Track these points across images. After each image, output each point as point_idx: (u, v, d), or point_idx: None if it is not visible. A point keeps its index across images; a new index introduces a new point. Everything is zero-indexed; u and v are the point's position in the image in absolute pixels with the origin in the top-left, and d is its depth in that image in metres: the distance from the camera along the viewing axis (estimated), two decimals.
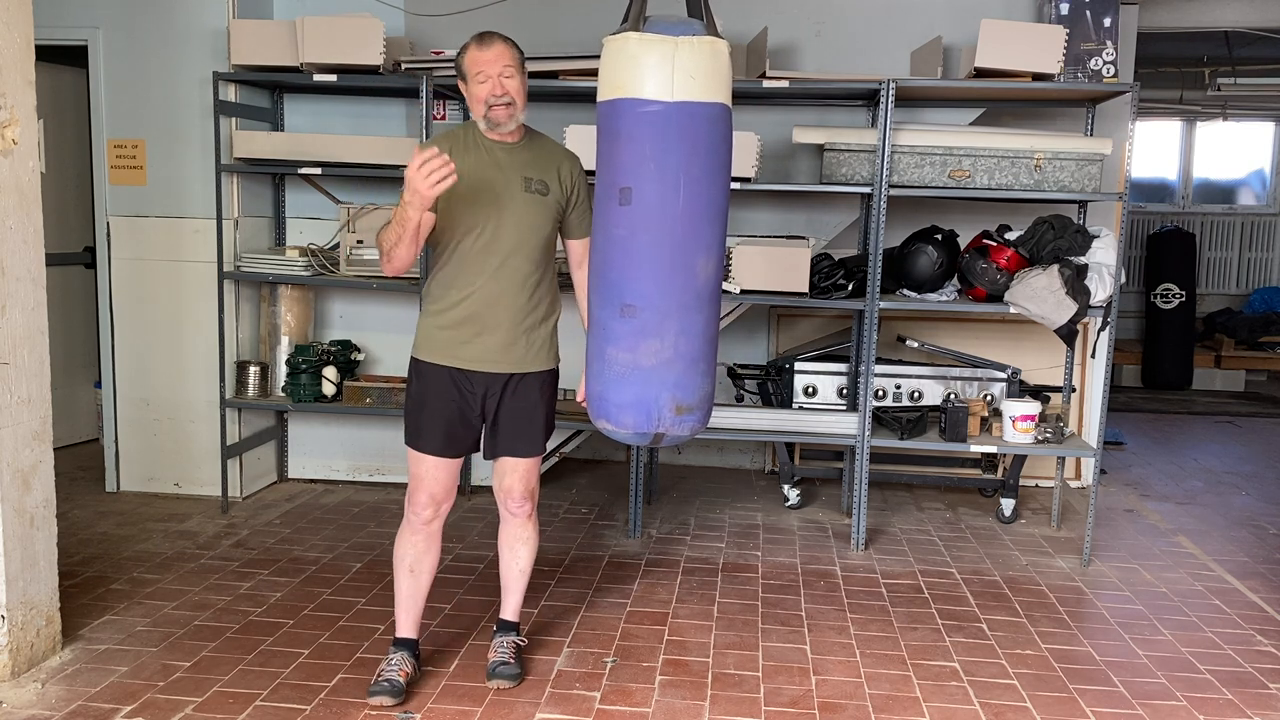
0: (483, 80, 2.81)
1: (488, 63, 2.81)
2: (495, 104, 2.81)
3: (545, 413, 3.02)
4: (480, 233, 2.85)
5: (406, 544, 3.01)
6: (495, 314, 2.89)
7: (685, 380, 2.81)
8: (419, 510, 2.97)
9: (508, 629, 3.16)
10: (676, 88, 2.66)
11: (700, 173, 2.73)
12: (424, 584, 3.03)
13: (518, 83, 2.83)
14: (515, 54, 2.86)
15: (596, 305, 2.84)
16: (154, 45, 4.63)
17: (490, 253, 2.86)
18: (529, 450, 3.01)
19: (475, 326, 2.89)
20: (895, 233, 4.59)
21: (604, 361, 2.83)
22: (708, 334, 2.86)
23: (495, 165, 2.87)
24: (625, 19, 2.72)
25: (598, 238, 2.82)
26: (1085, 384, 5.29)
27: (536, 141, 2.98)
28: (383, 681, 2.92)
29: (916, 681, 3.16)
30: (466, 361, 2.91)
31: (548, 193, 2.91)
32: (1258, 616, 3.76)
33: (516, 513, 3.06)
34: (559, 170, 2.95)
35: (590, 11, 4.86)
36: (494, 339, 2.90)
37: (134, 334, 4.79)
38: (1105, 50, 4.29)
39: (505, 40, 2.86)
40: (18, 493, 3.01)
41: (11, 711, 2.84)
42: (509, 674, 3.04)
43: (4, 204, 2.93)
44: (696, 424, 2.90)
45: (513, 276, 2.89)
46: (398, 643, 3.04)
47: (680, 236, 2.74)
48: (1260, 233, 9.69)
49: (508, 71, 2.81)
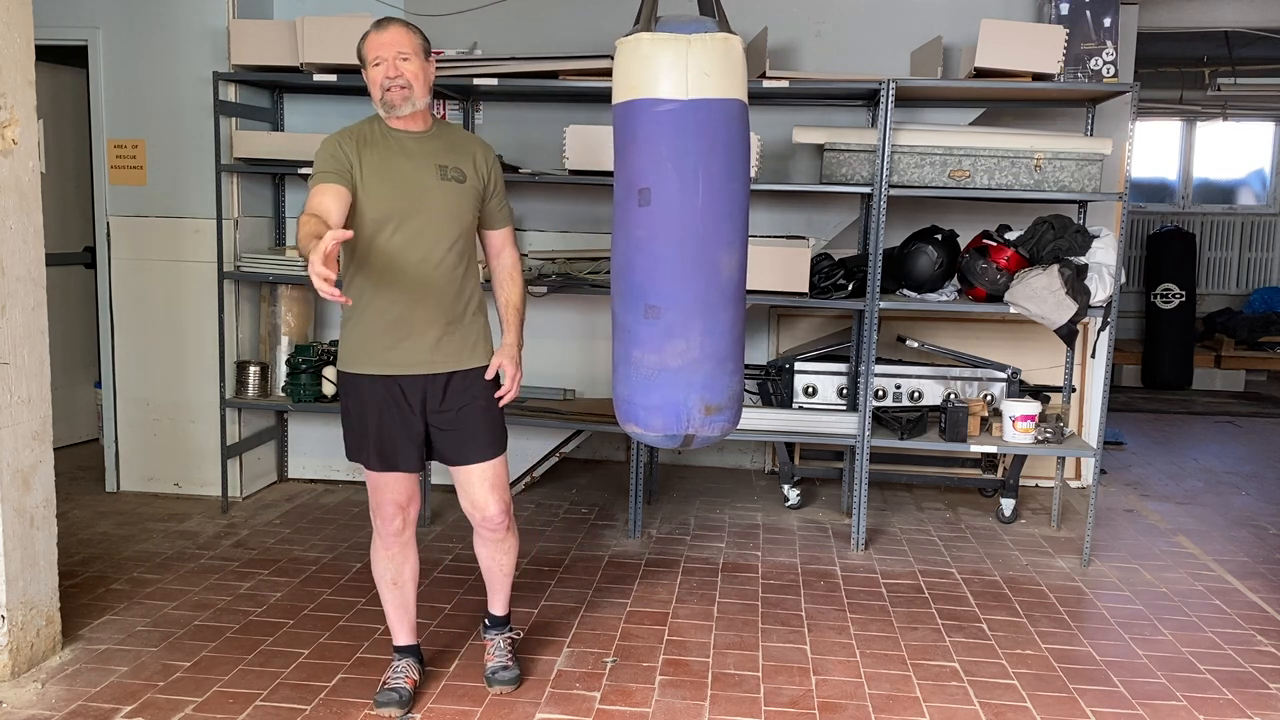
0: (378, 63, 2.71)
1: (383, 46, 2.71)
2: (390, 85, 2.70)
3: (493, 410, 2.87)
4: (397, 225, 2.70)
5: (383, 559, 2.92)
6: (423, 311, 2.74)
7: (713, 380, 2.78)
8: (387, 522, 2.86)
9: (499, 624, 3.13)
10: (691, 86, 2.65)
11: (719, 169, 2.71)
12: (409, 592, 2.96)
13: (415, 66, 2.71)
14: (415, 40, 2.75)
15: (620, 309, 2.81)
16: (154, 45, 4.64)
17: (410, 246, 2.71)
18: (486, 453, 2.85)
19: (403, 328, 2.74)
20: (895, 233, 4.60)
21: (630, 364, 2.80)
22: (734, 332, 2.83)
23: (405, 154, 2.74)
24: (637, 20, 2.71)
25: (619, 240, 2.80)
26: (1085, 384, 5.29)
27: (448, 130, 2.88)
28: (389, 691, 2.90)
29: (916, 681, 3.16)
30: (398, 367, 2.76)
31: (464, 179, 2.78)
32: (1258, 616, 3.76)
33: (495, 529, 2.92)
34: (474, 158, 2.83)
35: (590, 11, 4.87)
36: (424, 338, 2.76)
37: (134, 334, 4.79)
38: (1105, 50, 4.29)
39: (405, 25, 2.76)
40: (18, 493, 3.01)
41: (11, 711, 2.84)
42: (508, 679, 3.02)
43: (4, 204, 2.93)
44: (727, 424, 2.86)
45: (437, 269, 2.74)
46: (399, 650, 3.01)
47: (701, 234, 2.72)
48: (1260, 233, 9.69)
49: (404, 54, 2.70)
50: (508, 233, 2.96)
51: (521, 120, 4.96)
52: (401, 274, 2.72)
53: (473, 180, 2.81)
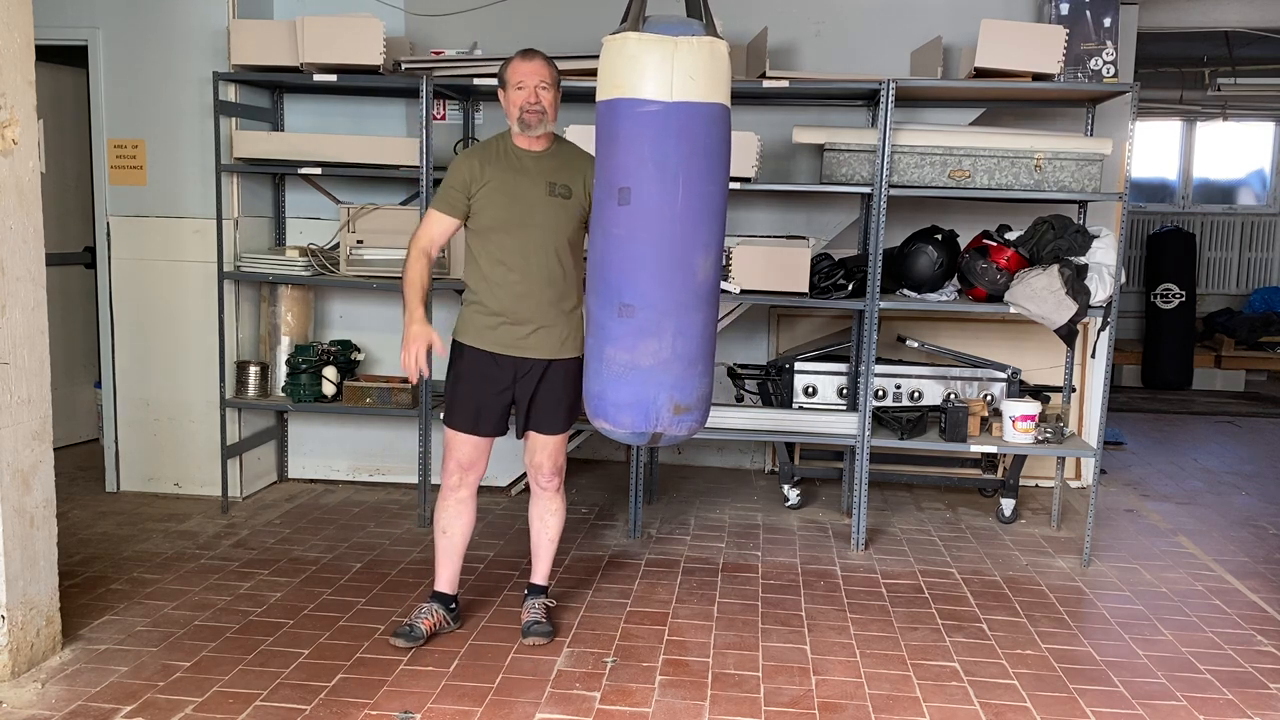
0: (521, 88, 3.09)
1: (528, 74, 3.09)
2: (530, 109, 3.08)
3: (572, 396, 3.27)
4: (509, 233, 3.14)
5: (440, 509, 3.36)
6: (525, 306, 3.17)
7: (683, 380, 2.82)
8: (447, 478, 3.31)
9: (538, 592, 3.46)
10: (676, 88, 2.66)
11: (699, 173, 2.73)
12: (456, 544, 3.36)
13: (552, 96, 3.12)
14: (553, 73, 3.14)
15: (595, 305, 2.84)
16: (154, 45, 4.64)
17: (518, 251, 3.14)
18: (554, 428, 3.30)
19: (507, 317, 3.18)
20: (895, 233, 4.59)
21: (602, 361, 2.84)
22: (706, 334, 2.86)
23: (522, 171, 3.15)
24: (625, 19, 2.72)
25: (596, 238, 2.83)
26: (1085, 384, 5.29)
27: (564, 150, 3.25)
28: (406, 625, 3.31)
29: (916, 681, 3.16)
30: (499, 347, 3.20)
31: (570, 196, 3.16)
32: (1258, 616, 3.76)
33: (546, 487, 3.37)
34: (584, 176, 3.18)
35: (590, 11, 4.86)
36: (524, 328, 3.18)
37: (134, 334, 4.79)
38: (1105, 50, 4.29)
39: (546, 59, 3.15)
40: (18, 493, 3.01)
41: (11, 711, 2.84)
42: (542, 631, 3.34)
43: (4, 204, 2.93)
44: (694, 424, 2.91)
45: (539, 272, 3.16)
46: (433, 595, 3.40)
47: (679, 236, 2.74)
48: (1260, 233, 9.69)
49: (545, 84, 3.10)
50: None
51: None
52: (510, 273, 3.16)
53: (578, 196, 3.19)
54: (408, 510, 4.74)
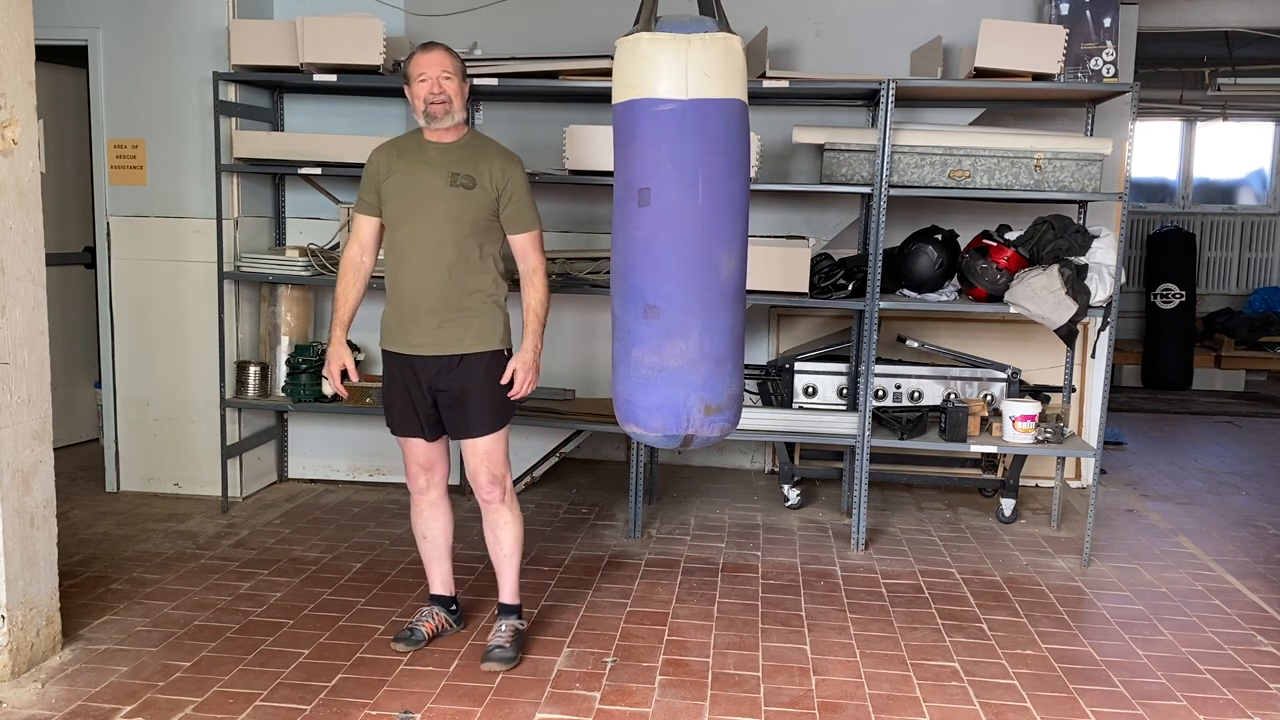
0: (423, 80, 3.04)
1: (429, 65, 3.04)
2: (434, 100, 3.03)
3: (490, 393, 3.13)
4: (408, 224, 3.08)
5: (414, 516, 3.35)
6: (427, 299, 3.08)
7: (712, 380, 2.79)
8: (412, 481, 3.28)
9: (507, 612, 3.31)
10: (691, 85, 2.65)
11: (718, 169, 2.71)
12: (440, 546, 3.34)
13: (456, 85, 3.06)
14: (455, 62, 3.08)
15: (619, 308, 2.82)
16: (154, 45, 4.64)
17: (417, 242, 3.07)
18: (479, 430, 3.14)
19: (413, 313, 3.10)
20: (895, 233, 4.59)
21: (630, 365, 2.81)
22: (733, 332, 2.83)
23: (426, 162, 3.10)
24: (637, 20, 2.71)
25: (618, 240, 2.81)
26: (1085, 384, 5.29)
27: (475, 142, 3.17)
28: (406, 629, 3.30)
29: (916, 681, 3.16)
30: (406, 347, 3.13)
31: (474, 186, 3.07)
32: (1258, 616, 3.76)
33: (488, 498, 3.22)
34: (490, 168, 3.10)
35: (590, 11, 4.87)
36: (429, 323, 3.09)
37: (134, 334, 4.79)
38: (1105, 50, 4.29)
39: (447, 49, 3.09)
40: (18, 493, 3.01)
41: (11, 711, 2.84)
42: (501, 658, 3.16)
43: (4, 204, 2.93)
44: (726, 424, 2.87)
45: (437, 264, 3.06)
46: (431, 599, 3.40)
47: (701, 234, 2.72)
48: (1260, 233, 9.69)
49: (447, 74, 3.04)
50: (528, 238, 3.18)
51: (522, 120, 4.95)
52: (410, 265, 3.09)
53: (485, 186, 3.09)
54: (408, 510, 4.71)
